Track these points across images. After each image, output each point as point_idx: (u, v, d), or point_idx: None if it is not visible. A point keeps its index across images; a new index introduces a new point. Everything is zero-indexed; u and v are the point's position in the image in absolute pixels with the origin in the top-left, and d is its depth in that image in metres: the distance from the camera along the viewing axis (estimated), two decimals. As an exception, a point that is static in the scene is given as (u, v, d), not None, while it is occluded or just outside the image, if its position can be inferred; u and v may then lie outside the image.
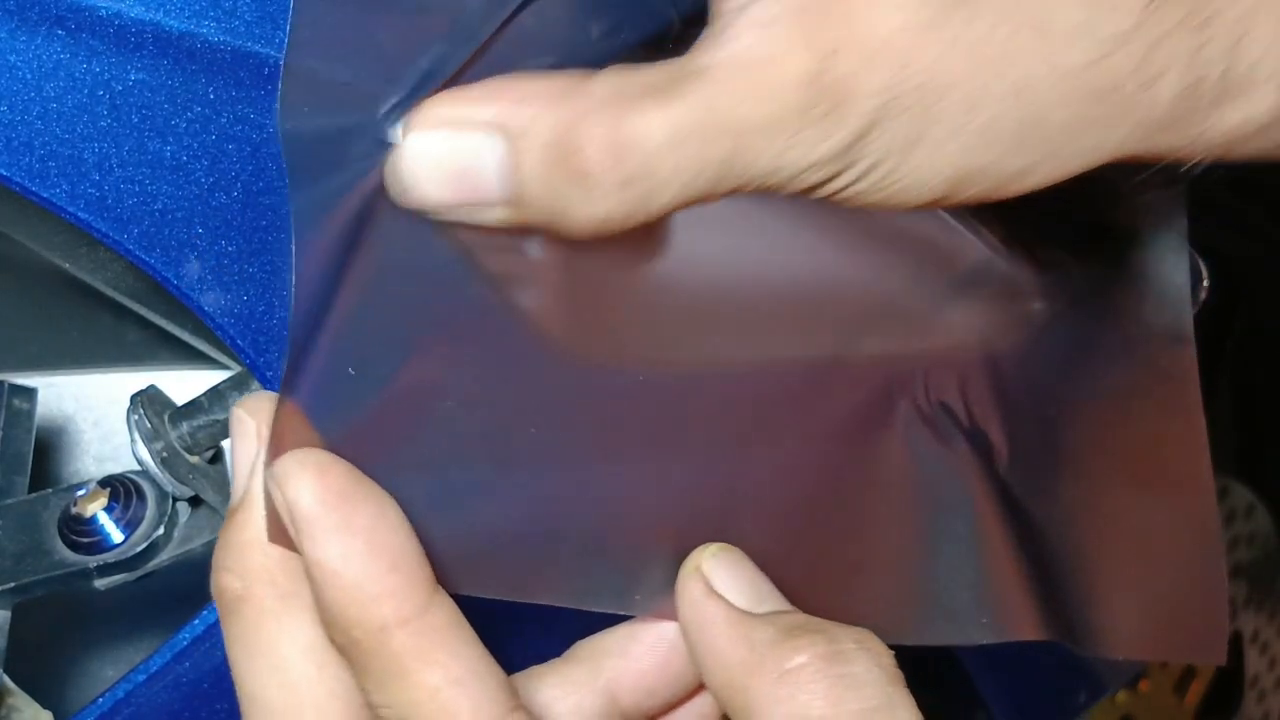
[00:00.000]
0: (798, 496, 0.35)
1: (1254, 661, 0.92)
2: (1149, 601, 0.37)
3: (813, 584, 0.34)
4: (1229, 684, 0.93)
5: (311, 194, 0.30)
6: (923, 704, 0.30)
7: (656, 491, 0.34)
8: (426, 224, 0.32)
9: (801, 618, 0.31)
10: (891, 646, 0.31)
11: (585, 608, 0.33)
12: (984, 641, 0.35)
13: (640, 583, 0.33)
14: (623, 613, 0.33)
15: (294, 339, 0.30)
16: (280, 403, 0.30)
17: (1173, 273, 0.38)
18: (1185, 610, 0.37)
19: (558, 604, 0.33)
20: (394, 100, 0.32)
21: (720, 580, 0.32)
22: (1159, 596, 0.37)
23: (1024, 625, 0.35)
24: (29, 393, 0.44)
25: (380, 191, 0.31)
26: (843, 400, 0.36)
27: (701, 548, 0.33)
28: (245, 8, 0.34)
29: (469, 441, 0.32)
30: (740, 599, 0.32)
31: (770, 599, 0.32)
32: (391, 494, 0.30)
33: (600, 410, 0.34)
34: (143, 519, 0.39)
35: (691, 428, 0.35)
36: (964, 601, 0.35)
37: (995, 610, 0.35)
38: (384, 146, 0.30)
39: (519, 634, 0.36)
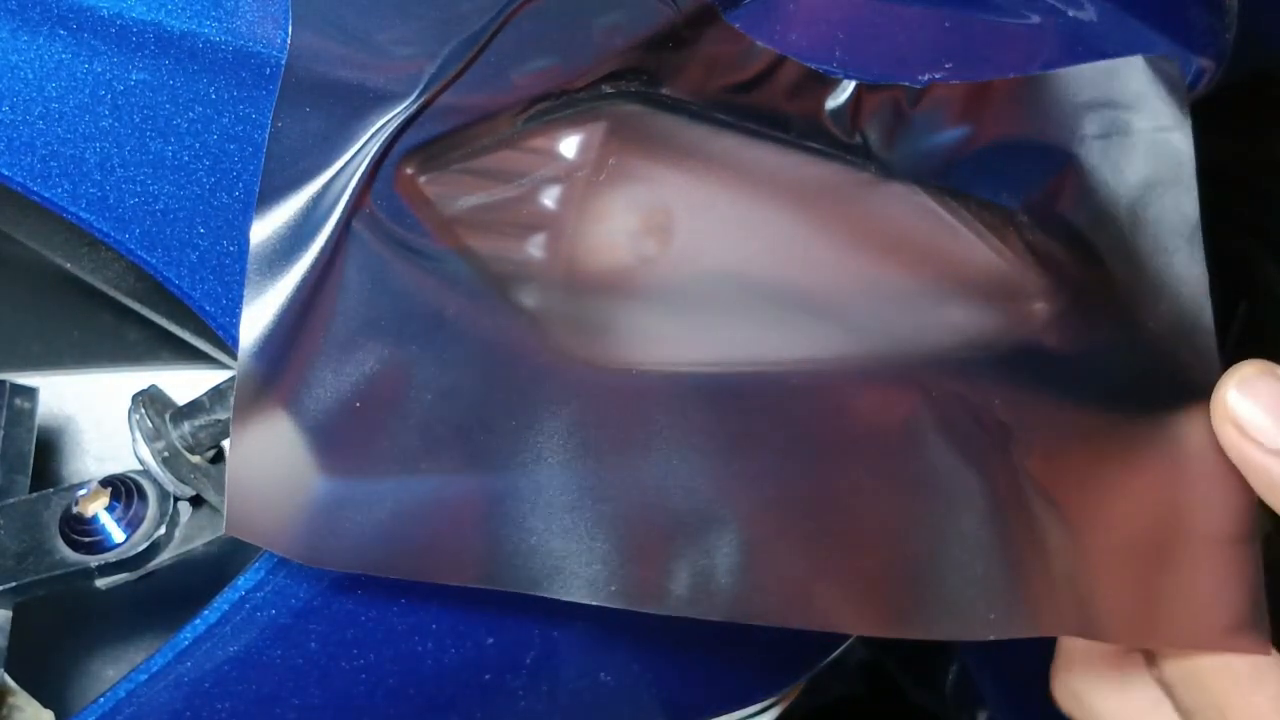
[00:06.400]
0: (801, 492, 0.35)
1: (1254, 661, 0.91)
2: (1160, 597, 0.36)
3: (816, 578, 0.34)
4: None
5: (288, 194, 0.30)
6: (923, 703, 0.30)
7: (643, 489, 0.34)
8: (414, 227, 0.32)
9: None
10: (896, 641, 0.31)
11: (558, 596, 0.33)
12: (989, 637, 0.35)
13: (618, 576, 0.33)
14: (596, 604, 0.33)
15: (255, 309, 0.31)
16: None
17: (1188, 264, 0.37)
18: (1201, 605, 0.37)
19: (530, 593, 0.33)
20: (397, 102, 0.33)
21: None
22: (1172, 593, 0.37)
23: (1033, 621, 0.35)
24: (30, 392, 0.44)
25: (363, 194, 0.31)
26: (849, 399, 0.36)
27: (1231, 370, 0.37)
28: (247, 8, 0.34)
29: (444, 434, 0.32)
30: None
31: None
32: (367, 484, 0.31)
33: (590, 407, 0.34)
34: (144, 519, 0.39)
35: (685, 426, 0.35)
36: (969, 597, 0.35)
37: (1001, 606, 0.35)
38: (371, 154, 0.31)
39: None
